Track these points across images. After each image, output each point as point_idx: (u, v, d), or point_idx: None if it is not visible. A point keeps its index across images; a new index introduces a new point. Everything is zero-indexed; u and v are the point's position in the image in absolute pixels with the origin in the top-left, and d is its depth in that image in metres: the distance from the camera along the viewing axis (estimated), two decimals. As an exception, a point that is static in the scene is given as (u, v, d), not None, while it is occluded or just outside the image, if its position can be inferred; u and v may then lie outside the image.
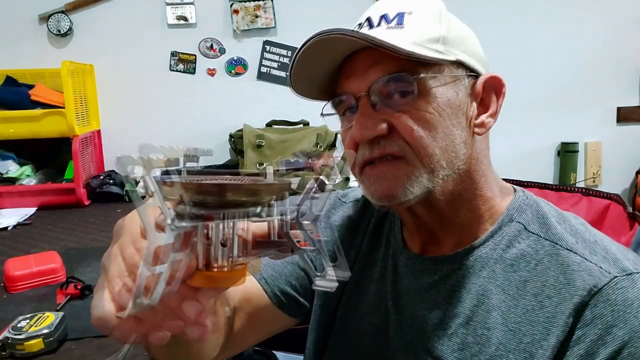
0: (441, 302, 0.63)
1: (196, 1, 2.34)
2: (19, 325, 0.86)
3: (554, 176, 2.71)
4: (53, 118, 1.92)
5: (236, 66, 2.43)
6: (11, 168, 2.02)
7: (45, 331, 0.84)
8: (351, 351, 0.73)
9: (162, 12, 2.34)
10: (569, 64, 2.60)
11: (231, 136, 2.31)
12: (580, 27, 2.57)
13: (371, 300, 0.72)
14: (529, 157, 2.65)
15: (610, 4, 2.57)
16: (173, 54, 2.38)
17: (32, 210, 1.87)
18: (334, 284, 0.38)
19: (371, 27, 0.60)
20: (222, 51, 2.41)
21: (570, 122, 2.65)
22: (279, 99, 2.43)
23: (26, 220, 1.77)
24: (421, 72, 0.57)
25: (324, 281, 0.39)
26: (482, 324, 0.59)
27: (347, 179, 1.83)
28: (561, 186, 0.90)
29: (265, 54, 2.43)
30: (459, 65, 0.60)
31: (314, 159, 0.38)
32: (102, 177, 2.05)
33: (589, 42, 2.59)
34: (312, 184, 0.37)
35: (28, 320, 0.87)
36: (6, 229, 1.66)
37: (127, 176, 0.30)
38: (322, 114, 0.66)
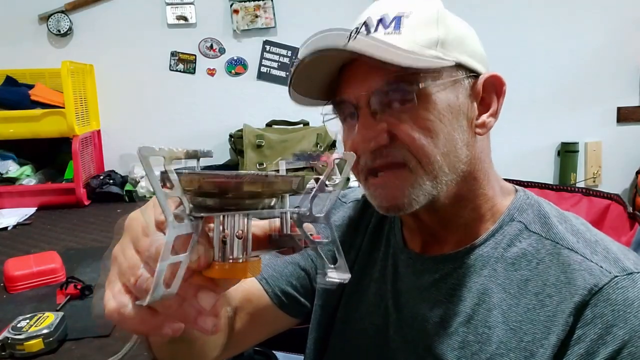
0: (442, 301, 0.63)
1: (196, 1, 2.34)
2: (18, 325, 0.85)
3: (554, 176, 2.71)
4: (53, 118, 1.92)
5: (236, 66, 2.43)
6: (11, 168, 2.02)
7: (45, 331, 0.84)
8: (351, 351, 0.73)
9: (162, 12, 2.34)
10: (569, 64, 2.60)
11: (231, 136, 2.30)
12: (580, 27, 2.57)
13: (371, 300, 0.72)
14: (529, 157, 2.65)
15: (610, 4, 2.57)
16: (173, 54, 2.38)
17: (32, 210, 1.87)
18: (348, 275, 0.39)
19: (369, 32, 0.60)
20: (222, 51, 2.41)
21: (570, 122, 2.65)
22: (279, 99, 2.43)
23: (26, 220, 1.77)
24: (420, 80, 0.57)
25: (336, 273, 0.39)
26: (483, 322, 0.59)
27: (347, 179, 1.83)
28: (561, 186, 0.90)
29: (265, 53, 2.43)
30: (458, 67, 0.59)
31: (327, 155, 0.39)
32: (102, 177, 2.05)
33: (589, 42, 2.59)
34: (313, 183, 0.38)
35: (28, 320, 0.87)
36: (6, 229, 1.66)
37: (149, 167, 0.30)
38: (323, 121, 0.66)
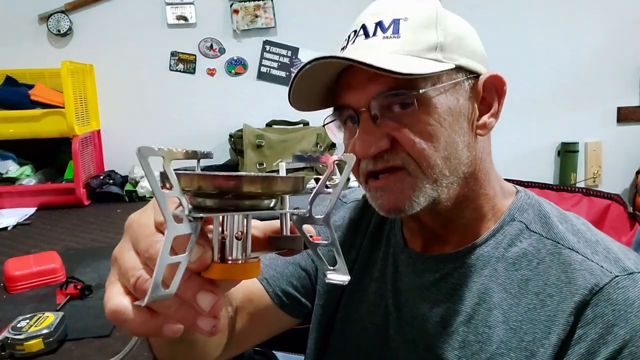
0: (442, 300, 0.63)
1: (196, 1, 2.34)
2: (18, 326, 0.85)
3: (554, 176, 2.71)
4: (53, 118, 1.92)
5: (236, 66, 2.42)
6: (11, 168, 2.01)
7: (45, 331, 0.84)
8: (352, 350, 0.73)
9: (162, 12, 2.33)
10: (569, 64, 2.60)
11: (231, 136, 2.30)
12: (580, 27, 2.57)
13: (371, 300, 0.72)
14: (529, 157, 2.65)
15: (610, 4, 2.57)
16: (173, 54, 2.38)
17: (32, 210, 1.87)
18: (347, 277, 0.38)
19: (367, 36, 0.59)
20: (222, 51, 2.41)
21: (570, 122, 2.65)
22: (278, 98, 2.42)
23: (26, 220, 1.77)
24: (420, 85, 0.56)
25: (336, 274, 0.39)
26: (484, 322, 0.59)
27: (347, 180, 1.83)
28: (562, 186, 0.90)
29: (265, 53, 2.43)
30: (458, 69, 0.59)
31: (327, 156, 0.38)
32: (102, 177, 2.05)
33: (589, 42, 2.59)
34: (313, 183, 0.38)
35: (28, 321, 0.87)
36: (6, 229, 1.66)
37: (148, 167, 0.30)
38: (324, 124, 0.66)
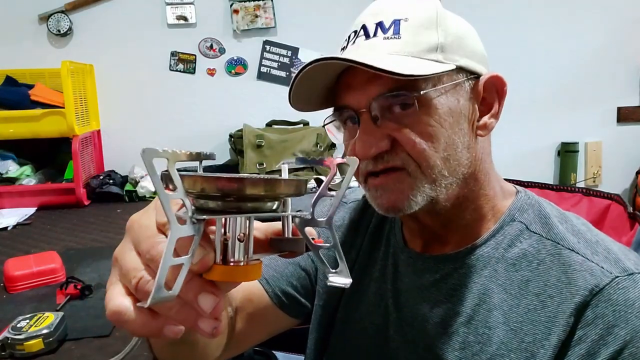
0: (442, 301, 0.63)
1: (196, 1, 2.34)
2: (18, 326, 0.85)
3: (554, 176, 2.71)
4: (53, 118, 1.92)
5: (236, 66, 2.42)
6: (11, 168, 2.01)
7: (45, 331, 0.84)
8: (352, 351, 0.73)
9: (162, 12, 2.33)
10: (569, 64, 2.60)
11: (231, 136, 2.30)
12: (580, 27, 2.57)
13: (371, 300, 0.72)
14: (529, 157, 2.65)
15: (610, 4, 2.57)
16: (173, 54, 2.37)
17: (32, 210, 1.87)
18: (349, 280, 0.38)
19: (367, 36, 0.59)
20: (222, 51, 2.40)
21: (570, 122, 2.65)
22: (278, 98, 2.42)
23: (26, 220, 1.77)
24: (421, 86, 0.56)
25: (338, 277, 0.39)
26: (484, 323, 0.59)
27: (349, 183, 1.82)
28: (562, 186, 0.90)
29: (265, 53, 2.43)
30: (459, 70, 0.59)
31: (329, 159, 0.38)
32: (102, 177, 2.05)
33: (589, 42, 2.59)
34: (313, 183, 0.38)
35: (28, 321, 0.87)
36: (6, 229, 1.66)
37: (152, 168, 0.30)
38: (324, 125, 0.66)
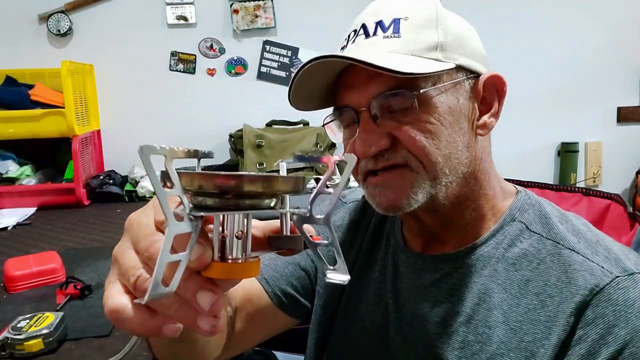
0: (442, 300, 0.63)
1: (196, 1, 2.34)
2: (18, 326, 0.85)
3: (554, 176, 2.71)
4: (53, 118, 1.92)
5: (236, 66, 2.42)
6: (11, 168, 2.01)
7: (45, 331, 0.84)
8: (352, 350, 0.73)
9: (162, 12, 2.33)
10: (569, 64, 2.60)
11: (231, 136, 2.30)
12: (580, 27, 2.57)
13: (371, 299, 0.72)
14: (529, 157, 2.65)
15: (610, 4, 2.57)
16: (173, 54, 2.37)
17: (31, 210, 1.87)
18: (347, 276, 0.38)
19: (367, 35, 0.59)
20: (222, 51, 2.40)
21: (570, 122, 2.65)
22: (278, 98, 2.42)
23: (26, 220, 1.77)
24: (421, 85, 0.56)
25: (336, 274, 0.39)
26: (483, 322, 0.59)
27: (348, 180, 1.82)
28: (561, 186, 0.90)
29: (265, 53, 2.43)
30: (458, 69, 0.59)
31: (327, 156, 0.38)
32: (101, 177, 2.05)
33: (589, 42, 2.59)
34: (313, 183, 0.38)
35: (28, 321, 0.87)
36: (6, 229, 1.66)
37: (150, 165, 0.30)
38: (323, 124, 0.66)
